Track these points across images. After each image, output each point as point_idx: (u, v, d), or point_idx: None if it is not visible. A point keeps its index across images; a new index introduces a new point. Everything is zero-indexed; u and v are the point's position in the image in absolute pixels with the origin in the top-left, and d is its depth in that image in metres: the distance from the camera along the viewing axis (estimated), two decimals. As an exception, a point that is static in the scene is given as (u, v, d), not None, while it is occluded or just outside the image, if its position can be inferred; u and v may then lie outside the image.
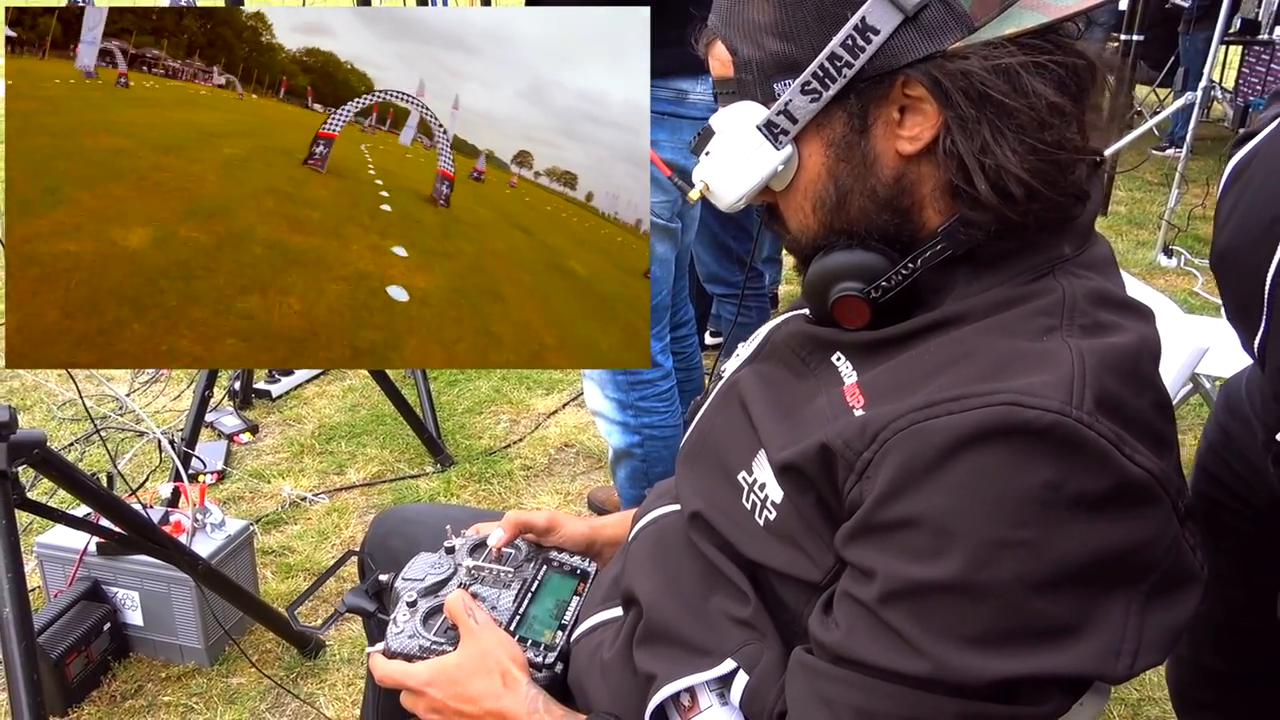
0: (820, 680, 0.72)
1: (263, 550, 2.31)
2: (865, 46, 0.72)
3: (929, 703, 0.67)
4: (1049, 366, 0.67)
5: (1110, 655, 0.66)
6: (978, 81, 0.70)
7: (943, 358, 0.72)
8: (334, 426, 2.93)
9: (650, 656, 0.87)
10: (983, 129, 0.71)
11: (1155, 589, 0.68)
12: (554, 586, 1.09)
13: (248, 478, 2.63)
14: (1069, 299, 0.72)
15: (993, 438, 0.64)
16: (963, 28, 0.71)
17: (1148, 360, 0.72)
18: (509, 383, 3.25)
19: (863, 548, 0.70)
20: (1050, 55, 0.71)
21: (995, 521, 0.64)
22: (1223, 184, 0.98)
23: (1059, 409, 0.64)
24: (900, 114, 0.75)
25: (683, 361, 2.34)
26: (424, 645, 0.99)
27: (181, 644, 1.94)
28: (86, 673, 1.85)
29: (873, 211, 0.78)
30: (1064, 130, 0.72)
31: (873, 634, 0.69)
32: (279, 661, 1.98)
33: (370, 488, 2.62)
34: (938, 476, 0.66)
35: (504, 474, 2.71)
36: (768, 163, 0.79)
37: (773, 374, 0.89)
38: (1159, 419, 0.71)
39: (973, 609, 0.65)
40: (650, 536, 0.97)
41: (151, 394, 3.12)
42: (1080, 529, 0.64)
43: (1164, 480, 0.67)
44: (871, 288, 0.78)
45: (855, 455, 0.70)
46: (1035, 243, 0.75)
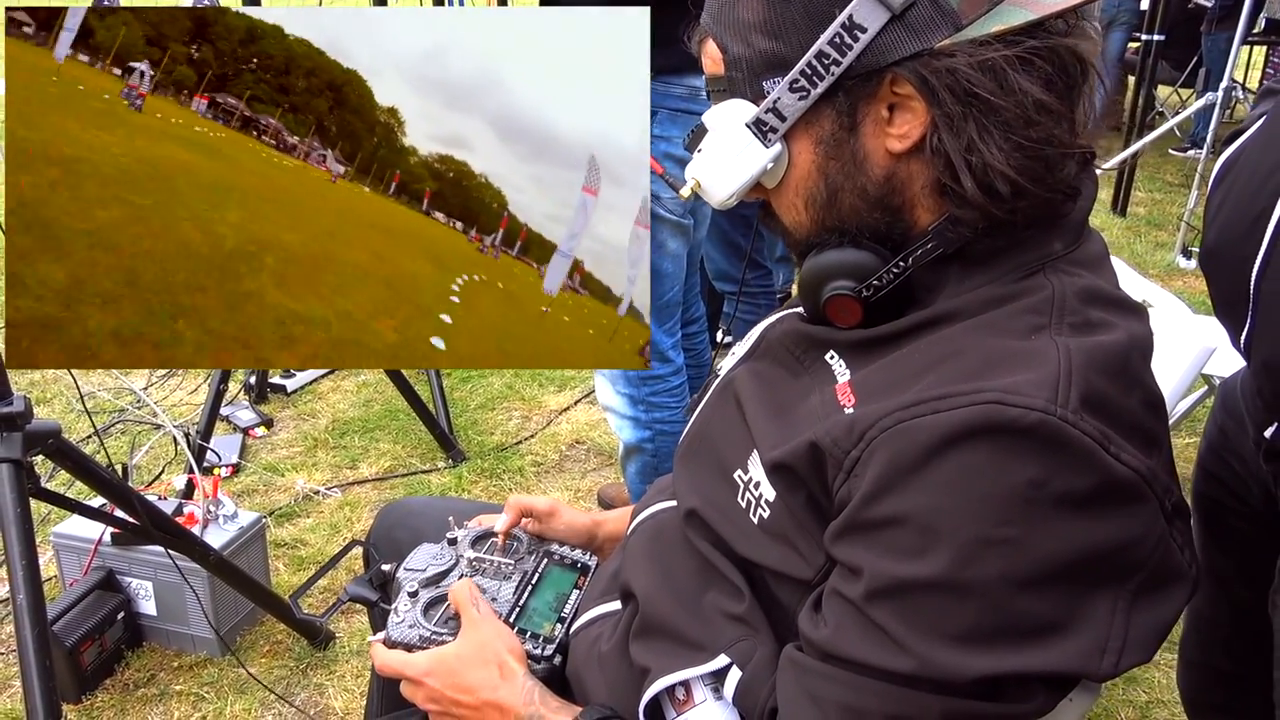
0: (808, 677, 0.73)
1: (275, 543, 2.34)
2: (853, 44, 0.73)
3: (915, 700, 0.67)
4: (1035, 365, 0.67)
5: (1095, 653, 0.66)
6: (964, 79, 0.70)
7: (931, 356, 0.73)
8: (348, 421, 2.96)
9: (645, 650, 0.88)
10: (969, 126, 0.71)
11: (1142, 587, 0.68)
12: (554, 579, 1.10)
13: (262, 471, 2.66)
14: (1058, 297, 0.72)
15: (978, 436, 0.65)
16: (950, 25, 0.71)
17: (1138, 359, 0.72)
18: (522, 380, 3.26)
19: (850, 545, 0.71)
20: (1037, 52, 0.71)
21: (980, 520, 0.64)
22: (1211, 181, 0.98)
23: (1044, 408, 0.64)
24: (889, 112, 0.75)
25: (694, 358, 2.35)
26: (424, 635, 1.00)
27: (194, 634, 1.96)
28: (100, 661, 1.88)
29: (864, 209, 0.79)
30: (1051, 127, 0.72)
31: (860, 631, 0.69)
32: (289, 653, 2.00)
33: (382, 482, 2.65)
34: (923, 475, 0.66)
35: (515, 469, 2.72)
36: (757, 160, 0.79)
37: (768, 372, 0.89)
38: (1149, 417, 0.71)
39: (958, 607, 0.66)
40: (648, 532, 0.98)
41: (169, 388, 3.15)
42: (1065, 527, 0.64)
43: (1150, 479, 0.67)
44: (863, 286, 0.79)
45: (844, 453, 0.71)
46: (1025, 240, 0.76)
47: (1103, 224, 5.22)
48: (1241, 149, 0.97)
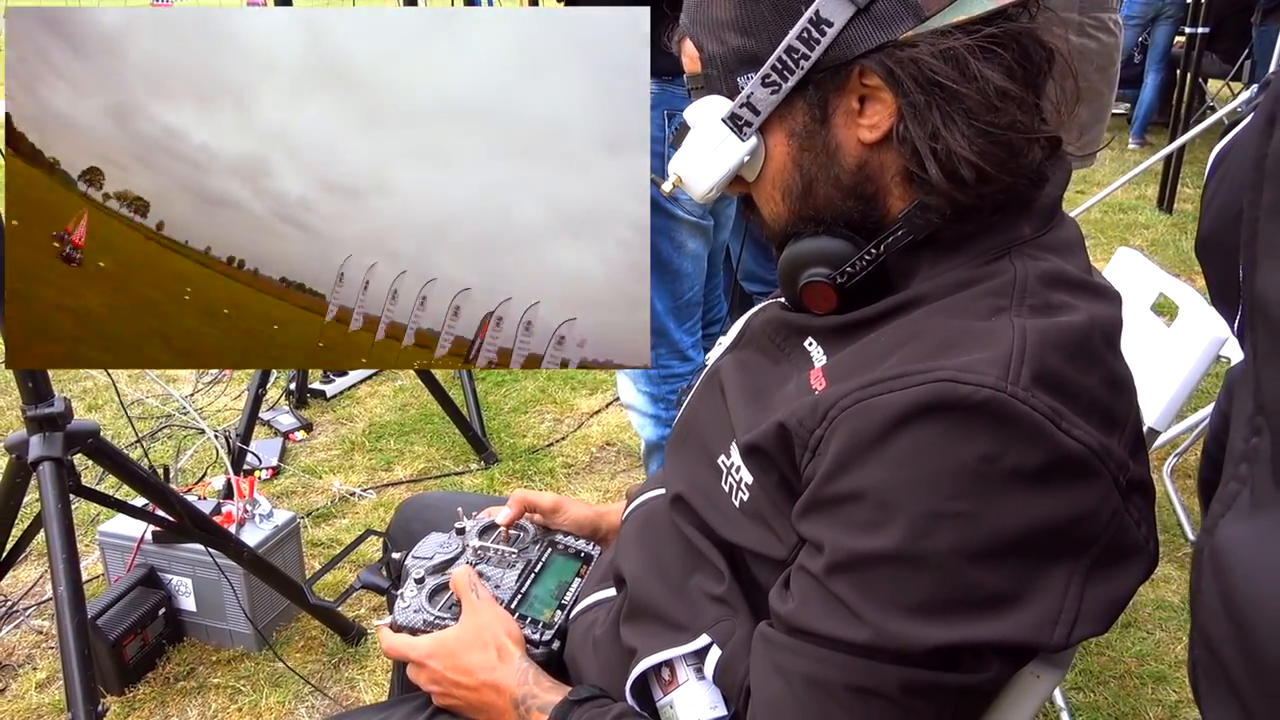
0: (775, 651, 0.75)
1: (312, 542, 2.40)
2: (820, 39, 0.75)
3: (873, 670, 0.69)
4: (990, 344, 0.68)
5: (1048, 625, 0.67)
6: (926, 68, 0.72)
7: (897, 338, 0.74)
8: (384, 425, 3.02)
9: (633, 632, 0.90)
10: (933, 114, 0.73)
11: (1097, 561, 0.69)
12: (557, 568, 1.13)
13: (301, 473, 2.73)
14: (1020, 279, 0.74)
15: (930, 413, 0.66)
16: (913, 17, 0.73)
17: (1099, 339, 0.73)
18: (554, 383, 3.31)
19: (813, 522, 0.73)
20: (998, 40, 0.73)
21: (933, 494, 0.66)
22: (1207, 172, 0.98)
23: (994, 384, 0.66)
24: (860, 103, 0.77)
25: (716, 358, 2.37)
26: (427, 619, 1.04)
27: (231, 629, 2.03)
28: (142, 655, 1.96)
29: (838, 199, 0.81)
30: (1015, 113, 0.74)
31: (821, 605, 0.71)
32: (323, 648, 2.06)
33: (416, 484, 2.70)
34: (879, 451, 0.68)
35: (546, 471, 2.76)
36: (734, 154, 0.82)
37: (750, 360, 0.91)
38: (1109, 396, 0.72)
39: (913, 578, 0.67)
40: (639, 519, 1.00)
41: (214, 394, 3.25)
42: (1016, 501, 0.66)
43: (1103, 454, 0.68)
44: (837, 274, 0.81)
45: (808, 433, 0.73)
46: (994, 225, 0.77)
47: (1148, 221, 5.13)
48: (1235, 140, 0.97)
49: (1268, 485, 0.38)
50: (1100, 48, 2.03)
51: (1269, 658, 0.36)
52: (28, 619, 2.13)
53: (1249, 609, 0.38)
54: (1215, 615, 0.40)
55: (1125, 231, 4.97)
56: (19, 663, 2.02)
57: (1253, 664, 0.37)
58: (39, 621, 2.13)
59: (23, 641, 2.08)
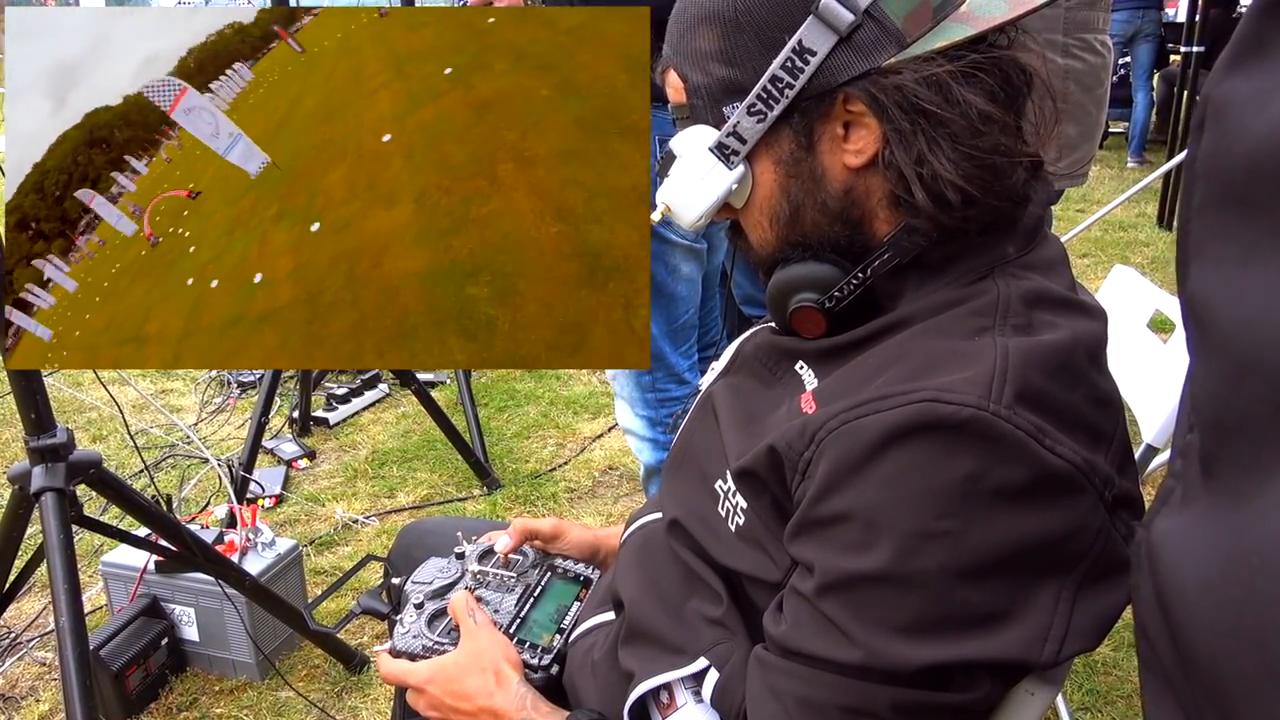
0: (770, 673, 0.75)
1: (315, 570, 2.41)
2: (804, 68, 0.76)
3: (865, 691, 0.69)
4: (972, 364, 0.69)
5: (1037, 641, 0.67)
6: (910, 94, 0.74)
7: (883, 360, 0.75)
8: (387, 452, 3.03)
9: (631, 655, 0.91)
10: (918, 139, 0.74)
11: (1087, 577, 0.69)
12: (556, 592, 1.13)
13: (304, 501, 2.74)
14: (1003, 299, 0.75)
15: (915, 433, 0.67)
16: (895, 44, 0.75)
17: (1082, 356, 0.74)
18: (556, 408, 3.32)
19: (803, 543, 0.73)
20: (979, 65, 0.74)
21: (919, 513, 0.67)
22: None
23: (976, 404, 0.66)
24: (845, 130, 0.79)
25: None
26: (426, 645, 1.04)
27: (234, 659, 2.03)
28: (145, 685, 1.95)
29: (825, 224, 0.82)
30: (998, 136, 0.75)
31: (813, 626, 0.72)
32: (325, 676, 2.06)
33: (419, 510, 2.71)
34: (866, 472, 0.68)
35: (549, 496, 2.76)
36: (722, 182, 0.83)
37: (742, 385, 0.92)
38: (1094, 413, 0.72)
39: (902, 598, 0.68)
40: (636, 542, 1.01)
41: (218, 423, 3.26)
42: (1002, 519, 0.66)
43: (1088, 471, 0.68)
44: (825, 298, 0.82)
45: (797, 455, 0.74)
46: (978, 246, 0.78)
47: (1148, 238, 5.15)
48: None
49: (1196, 480, 0.39)
50: (1086, 68, 2.05)
51: (1194, 647, 0.37)
52: (30, 651, 2.13)
53: (1175, 600, 0.39)
54: (1150, 607, 0.41)
55: (1125, 249, 4.99)
56: (22, 695, 2.02)
57: (1180, 653, 0.38)
58: (42, 653, 2.13)
59: (26, 673, 2.08)
